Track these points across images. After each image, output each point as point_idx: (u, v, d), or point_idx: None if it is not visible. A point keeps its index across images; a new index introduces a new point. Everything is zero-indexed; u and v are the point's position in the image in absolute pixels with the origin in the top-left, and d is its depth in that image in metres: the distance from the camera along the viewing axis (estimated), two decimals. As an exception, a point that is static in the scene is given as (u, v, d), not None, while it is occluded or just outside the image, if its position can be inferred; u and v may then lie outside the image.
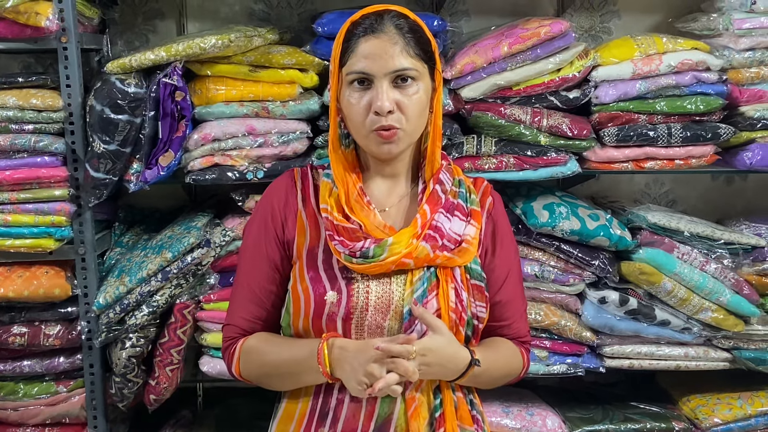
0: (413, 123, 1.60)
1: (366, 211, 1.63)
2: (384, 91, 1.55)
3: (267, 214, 1.71)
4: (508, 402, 2.65)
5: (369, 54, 1.56)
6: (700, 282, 2.50)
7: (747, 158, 2.56)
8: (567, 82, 2.49)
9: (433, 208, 1.63)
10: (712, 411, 2.65)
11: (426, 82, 1.61)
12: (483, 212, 1.72)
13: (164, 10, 2.88)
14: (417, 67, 1.58)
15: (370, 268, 1.58)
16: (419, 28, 1.61)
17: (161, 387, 2.52)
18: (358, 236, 1.60)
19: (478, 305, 1.65)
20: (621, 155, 2.53)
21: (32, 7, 2.28)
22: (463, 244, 1.63)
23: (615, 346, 2.60)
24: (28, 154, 2.38)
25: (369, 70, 1.56)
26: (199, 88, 2.44)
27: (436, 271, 1.61)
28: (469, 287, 1.64)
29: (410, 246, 1.58)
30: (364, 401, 1.61)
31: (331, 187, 1.67)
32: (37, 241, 2.41)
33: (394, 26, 1.58)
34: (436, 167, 1.68)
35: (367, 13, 1.61)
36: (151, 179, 2.40)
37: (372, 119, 1.57)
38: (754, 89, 2.56)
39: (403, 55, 1.56)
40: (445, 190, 1.66)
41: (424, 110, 1.62)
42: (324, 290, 1.61)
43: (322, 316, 1.60)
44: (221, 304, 2.50)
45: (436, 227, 1.61)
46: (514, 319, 1.75)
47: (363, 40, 1.58)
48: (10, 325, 2.45)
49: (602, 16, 2.96)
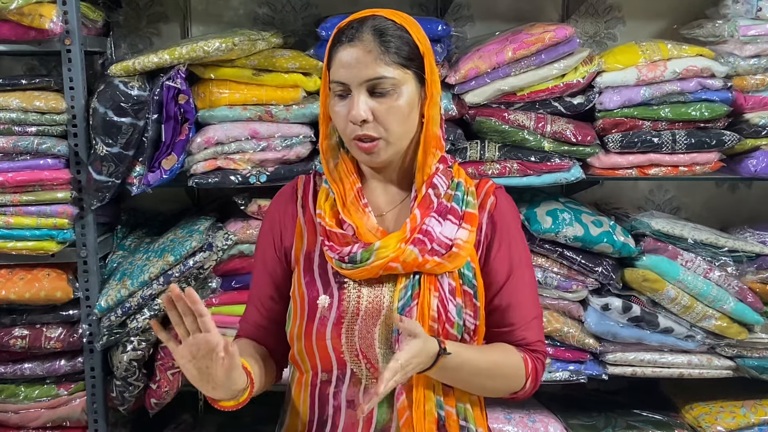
0: (395, 132, 1.57)
1: (361, 213, 1.62)
2: (358, 101, 1.54)
3: (268, 223, 1.74)
4: (510, 408, 2.64)
5: (345, 63, 1.55)
6: (704, 289, 2.49)
7: (752, 165, 2.55)
8: (571, 87, 2.48)
9: (423, 212, 1.61)
10: (715, 419, 2.64)
11: (410, 88, 1.57)
12: (483, 214, 1.68)
13: (168, 13, 2.88)
14: (395, 74, 1.54)
15: (359, 272, 1.58)
16: (403, 34, 1.57)
17: (162, 391, 2.52)
18: (347, 241, 1.59)
19: (467, 313, 1.61)
20: (625, 161, 2.52)
21: (36, 9, 2.28)
22: (454, 249, 1.59)
23: (618, 354, 2.59)
24: (31, 157, 2.37)
25: (345, 79, 1.55)
26: (203, 92, 2.44)
27: (420, 278, 1.59)
28: (462, 294, 1.61)
29: (398, 250, 1.56)
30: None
31: (328, 192, 1.66)
32: (39, 243, 2.41)
33: (371, 33, 1.54)
34: (428, 173, 1.64)
35: (352, 19, 1.60)
36: (154, 182, 2.40)
37: (351, 128, 1.56)
38: (759, 96, 2.55)
39: (378, 63, 1.53)
40: (439, 194, 1.63)
41: (406, 118, 1.58)
42: (317, 294, 1.61)
43: (314, 321, 1.60)
44: (223, 308, 2.50)
45: (426, 231, 1.59)
46: (518, 325, 1.66)
47: (341, 48, 1.56)
48: (12, 327, 2.45)
49: (607, 22, 2.96)
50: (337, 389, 1.62)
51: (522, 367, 1.65)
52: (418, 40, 1.58)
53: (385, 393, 1.41)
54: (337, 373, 1.62)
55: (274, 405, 1.79)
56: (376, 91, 1.55)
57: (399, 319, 1.49)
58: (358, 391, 1.60)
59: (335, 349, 1.60)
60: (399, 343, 1.53)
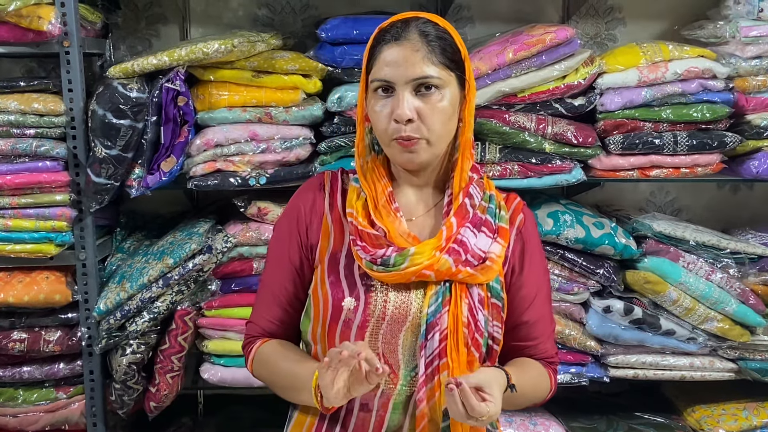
0: (436, 132, 1.56)
1: (392, 217, 1.61)
2: (404, 99, 1.53)
3: (293, 216, 1.70)
4: (511, 411, 2.63)
5: (391, 61, 1.54)
6: (706, 291, 2.49)
7: (753, 167, 2.55)
8: (572, 89, 2.47)
9: (459, 221, 1.60)
10: (717, 422, 2.64)
11: (452, 91, 1.57)
12: (512, 229, 1.68)
13: (167, 14, 2.87)
14: (441, 75, 1.54)
15: (390, 276, 1.56)
16: (447, 36, 1.57)
17: (161, 394, 2.51)
18: (381, 243, 1.58)
19: (494, 325, 1.62)
20: (626, 163, 2.52)
21: (35, 11, 2.27)
22: (487, 262, 1.59)
23: (619, 356, 2.58)
24: (30, 159, 2.37)
25: (390, 78, 1.54)
26: (202, 93, 2.43)
27: (452, 286, 1.58)
28: (489, 306, 1.61)
29: (432, 258, 1.55)
30: (374, 411, 1.59)
31: (359, 192, 1.65)
32: (37, 246, 2.40)
33: (418, 33, 1.54)
34: (465, 180, 1.64)
35: (395, 20, 1.59)
36: (153, 185, 2.39)
37: (393, 127, 1.55)
38: (760, 97, 2.55)
39: (425, 62, 1.53)
40: (474, 204, 1.63)
41: (448, 120, 1.58)
42: (342, 295, 1.59)
43: (338, 322, 1.58)
44: (222, 310, 2.50)
45: (461, 242, 1.58)
46: (542, 339, 1.70)
47: (386, 47, 1.55)
48: (10, 330, 2.44)
49: (608, 23, 2.95)
50: None
51: (548, 382, 1.72)
52: (460, 44, 1.59)
53: (463, 392, 1.41)
54: None
55: (273, 410, 1.79)
56: (421, 90, 1.54)
57: (449, 389, 1.44)
58: (374, 395, 1.59)
59: None
60: (424, 349, 1.54)
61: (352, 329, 1.58)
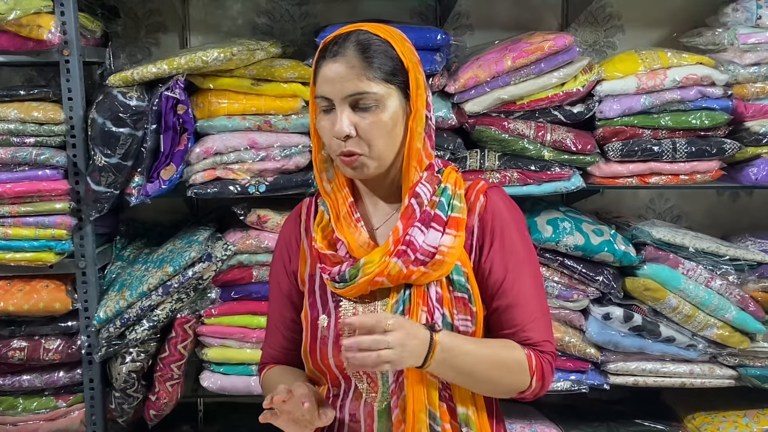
0: (378, 147, 1.55)
1: (353, 228, 1.62)
2: (341, 116, 1.54)
3: (281, 247, 1.77)
4: (511, 418, 2.63)
5: (328, 78, 1.54)
6: (705, 298, 2.48)
7: (752, 174, 2.55)
8: (571, 96, 2.48)
9: (406, 223, 1.59)
10: (717, 429, 2.63)
11: (394, 103, 1.56)
12: (473, 216, 1.63)
13: (167, 23, 2.88)
14: (378, 89, 1.53)
15: (349, 290, 1.58)
16: (387, 48, 1.56)
17: (161, 402, 2.51)
18: (337, 260, 1.60)
19: (461, 319, 1.58)
20: (625, 170, 2.52)
21: (34, 20, 2.28)
22: (437, 256, 1.56)
23: (619, 363, 2.58)
24: (29, 167, 2.37)
25: (328, 95, 1.55)
26: (201, 102, 2.44)
27: (411, 292, 1.57)
28: (453, 300, 1.58)
29: (382, 264, 1.55)
30: (362, 421, 1.61)
31: (323, 215, 1.67)
32: (37, 254, 2.40)
33: (354, 48, 1.54)
34: (410, 186, 1.61)
35: (337, 34, 1.59)
36: (153, 193, 2.40)
37: (336, 143, 1.56)
38: (759, 104, 2.55)
39: (361, 78, 1.52)
40: (422, 202, 1.60)
41: (390, 132, 1.56)
42: (317, 315, 1.63)
43: (317, 340, 1.63)
44: (222, 318, 2.49)
45: (409, 242, 1.56)
46: (522, 326, 1.59)
47: (324, 64, 1.56)
48: (10, 339, 2.44)
49: (606, 30, 2.95)
50: (342, 403, 1.64)
51: (525, 362, 1.58)
52: (403, 54, 1.57)
53: (348, 323, 1.46)
54: (344, 387, 1.64)
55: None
56: (359, 106, 1.54)
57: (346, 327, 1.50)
58: (359, 405, 1.62)
59: (337, 366, 1.61)
60: None
61: (328, 345, 1.61)
